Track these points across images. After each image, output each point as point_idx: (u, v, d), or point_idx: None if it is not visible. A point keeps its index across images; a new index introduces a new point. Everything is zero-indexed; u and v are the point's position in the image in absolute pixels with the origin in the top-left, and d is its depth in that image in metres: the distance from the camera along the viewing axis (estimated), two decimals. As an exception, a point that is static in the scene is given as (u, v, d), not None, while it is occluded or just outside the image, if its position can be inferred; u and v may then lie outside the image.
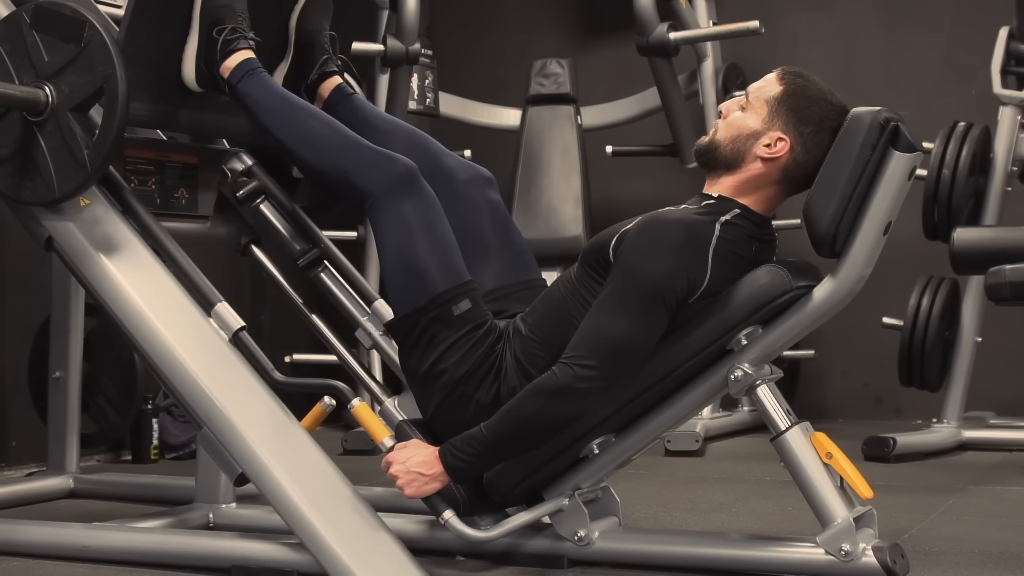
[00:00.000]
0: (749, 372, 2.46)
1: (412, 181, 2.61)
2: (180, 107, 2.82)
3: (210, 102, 2.85)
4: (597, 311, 2.40)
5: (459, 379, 2.54)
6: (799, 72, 2.51)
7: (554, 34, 6.09)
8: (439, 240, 2.58)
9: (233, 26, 2.75)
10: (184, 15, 2.76)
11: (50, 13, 2.59)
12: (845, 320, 2.98)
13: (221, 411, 2.53)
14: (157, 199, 2.89)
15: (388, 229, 2.59)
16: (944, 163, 4.45)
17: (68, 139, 2.56)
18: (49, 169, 2.58)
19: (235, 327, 2.66)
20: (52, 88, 2.58)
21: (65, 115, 2.57)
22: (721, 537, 2.71)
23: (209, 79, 2.79)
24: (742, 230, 2.47)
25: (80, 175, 2.57)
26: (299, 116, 2.73)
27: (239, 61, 2.75)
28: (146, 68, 2.70)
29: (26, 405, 3.88)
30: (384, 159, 2.63)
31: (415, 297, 2.55)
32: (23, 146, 2.61)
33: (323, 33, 2.95)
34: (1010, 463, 4.23)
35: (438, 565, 2.62)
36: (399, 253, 2.57)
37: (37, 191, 2.62)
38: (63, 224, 2.66)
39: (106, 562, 2.70)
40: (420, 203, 2.59)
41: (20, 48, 2.61)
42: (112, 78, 2.52)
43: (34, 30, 2.60)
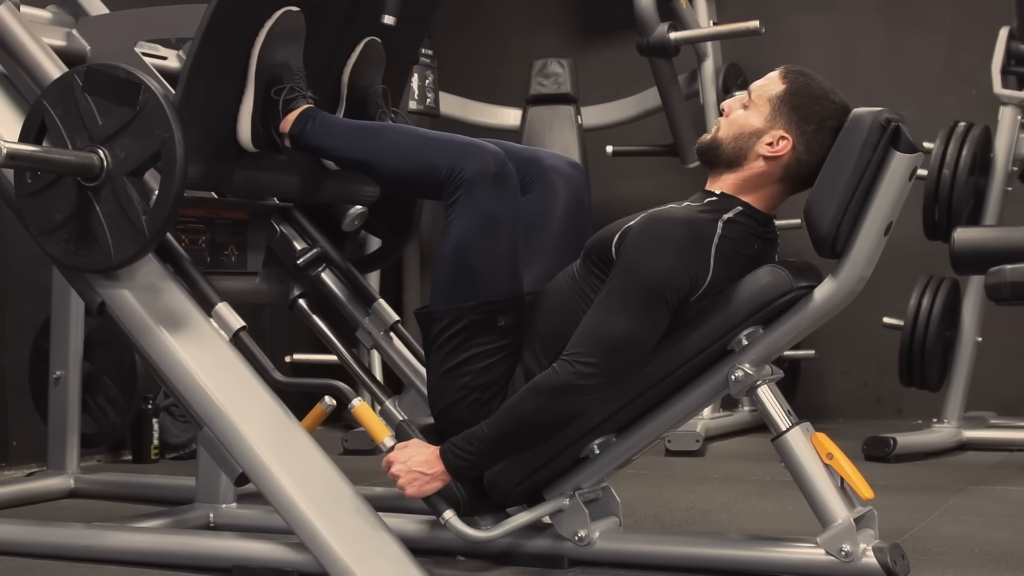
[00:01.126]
0: (750, 372, 2.46)
1: (501, 170, 2.53)
2: (234, 168, 2.74)
3: (264, 161, 2.77)
4: (598, 308, 2.40)
5: (480, 386, 2.54)
6: (802, 71, 2.51)
7: (554, 34, 6.09)
8: (505, 244, 2.53)
9: (291, 85, 2.69)
10: (239, 76, 2.68)
11: (103, 75, 2.51)
12: (845, 320, 2.97)
13: (221, 411, 2.53)
14: (207, 257, 2.85)
15: (461, 218, 2.51)
16: (944, 163, 4.45)
17: (124, 204, 2.48)
18: (105, 235, 2.50)
19: (235, 327, 2.65)
20: (107, 152, 2.49)
21: (121, 180, 2.48)
22: (721, 537, 2.71)
23: (266, 139, 2.72)
24: (744, 228, 2.47)
25: (138, 241, 2.48)
26: (374, 131, 2.71)
27: (299, 113, 2.69)
28: (201, 130, 2.61)
29: (26, 405, 3.88)
30: (475, 147, 2.56)
31: (464, 295, 2.53)
32: (78, 212, 2.53)
33: (375, 87, 2.90)
34: (1010, 463, 4.23)
35: (438, 565, 2.62)
36: (462, 246, 2.51)
37: (93, 258, 2.53)
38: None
39: (106, 562, 2.70)
40: (502, 197, 2.53)
41: (73, 111, 2.52)
42: (170, 142, 2.43)
43: (87, 93, 2.51)
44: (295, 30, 2.71)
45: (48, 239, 2.58)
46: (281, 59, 2.69)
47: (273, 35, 2.68)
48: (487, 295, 2.52)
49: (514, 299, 2.55)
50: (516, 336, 2.55)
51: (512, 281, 2.55)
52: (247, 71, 2.69)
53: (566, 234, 2.71)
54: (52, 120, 2.55)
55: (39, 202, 2.57)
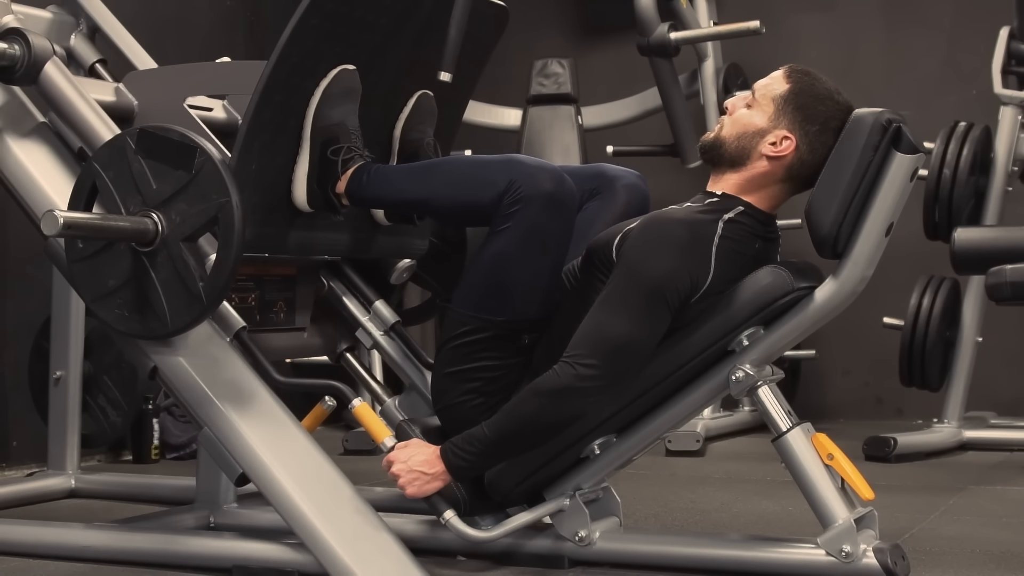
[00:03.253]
0: (750, 373, 2.46)
1: (560, 189, 2.49)
2: (288, 228, 2.68)
3: (317, 220, 2.71)
4: (599, 310, 2.40)
5: (488, 392, 2.55)
6: (806, 70, 2.51)
7: (555, 34, 6.09)
8: (546, 266, 2.52)
9: (348, 145, 2.64)
10: (295, 136, 2.63)
11: (157, 138, 2.46)
12: (846, 320, 2.97)
13: (222, 411, 2.53)
14: (257, 315, 2.80)
15: (511, 230, 2.48)
16: (945, 163, 4.46)
17: (181, 270, 2.42)
18: (161, 302, 2.44)
19: (236, 327, 2.65)
20: (162, 217, 2.43)
21: (177, 245, 2.42)
22: (722, 538, 2.71)
23: (322, 199, 2.66)
24: (745, 228, 2.46)
25: (195, 308, 2.43)
26: (433, 166, 2.67)
27: (354, 169, 2.65)
28: (256, 192, 2.55)
29: (27, 405, 3.88)
30: (536, 166, 2.52)
31: (494, 307, 2.52)
32: (132, 278, 2.47)
33: (427, 140, 2.85)
34: (1011, 463, 4.23)
35: (439, 565, 2.62)
36: (505, 258, 2.49)
37: (148, 325, 2.48)
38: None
39: (106, 562, 2.70)
40: (556, 219, 2.49)
41: (125, 175, 2.47)
42: (227, 206, 2.38)
43: (140, 155, 2.46)
44: (351, 89, 2.65)
45: (102, 305, 2.52)
46: (337, 118, 2.64)
47: (328, 95, 2.62)
48: (518, 313, 2.52)
49: (543, 320, 2.55)
50: (533, 353, 2.55)
51: (546, 303, 2.54)
52: (303, 132, 2.63)
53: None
54: (104, 183, 2.49)
55: (92, 267, 2.52)
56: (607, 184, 2.75)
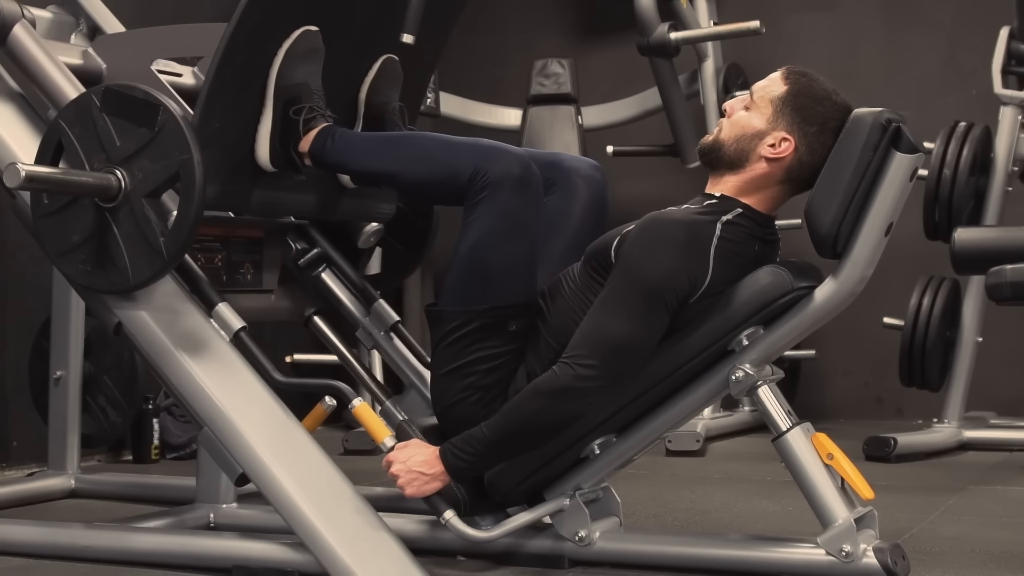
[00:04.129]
0: (750, 373, 2.46)
1: (526, 173, 2.51)
2: (252, 188, 2.71)
3: (281, 181, 2.75)
4: (598, 311, 2.40)
5: (484, 386, 2.54)
6: (804, 71, 2.51)
7: (555, 34, 6.09)
8: (524, 249, 2.53)
9: (311, 105, 2.68)
10: (258, 96, 2.66)
11: (121, 96, 2.49)
12: (846, 320, 2.97)
13: (222, 411, 2.53)
14: (223, 276, 2.84)
15: (481, 220, 2.49)
16: (945, 163, 4.45)
17: (143, 226, 2.46)
18: (123, 257, 2.48)
19: (236, 327, 2.65)
20: (124, 173, 2.47)
21: (139, 201, 2.46)
22: (722, 537, 2.71)
23: (284, 159, 2.70)
24: (744, 230, 2.46)
25: (156, 263, 2.47)
26: (397, 140, 2.70)
27: (319, 130, 2.68)
28: (219, 150, 2.58)
29: (27, 405, 3.88)
30: (501, 150, 2.55)
31: (477, 297, 2.52)
32: (95, 233, 2.51)
33: (393, 104, 2.88)
34: (1011, 463, 4.23)
35: (439, 565, 2.62)
36: (480, 247, 2.50)
37: (111, 279, 2.52)
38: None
39: (106, 562, 2.70)
40: (525, 202, 2.51)
41: (90, 132, 2.51)
42: (189, 163, 2.42)
43: (105, 113, 2.49)
44: (314, 50, 2.69)
45: (65, 260, 2.56)
46: (300, 78, 2.67)
47: (292, 55, 2.65)
48: (501, 299, 2.51)
49: (527, 304, 2.55)
50: (524, 341, 2.55)
51: (527, 286, 2.55)
52: (265, 91, 2.67)
53: (581, 236, 2.70)
54: (69, 141, 2.53)
55: (56, 223, 2.55)
56: (563, 176, 2.75)
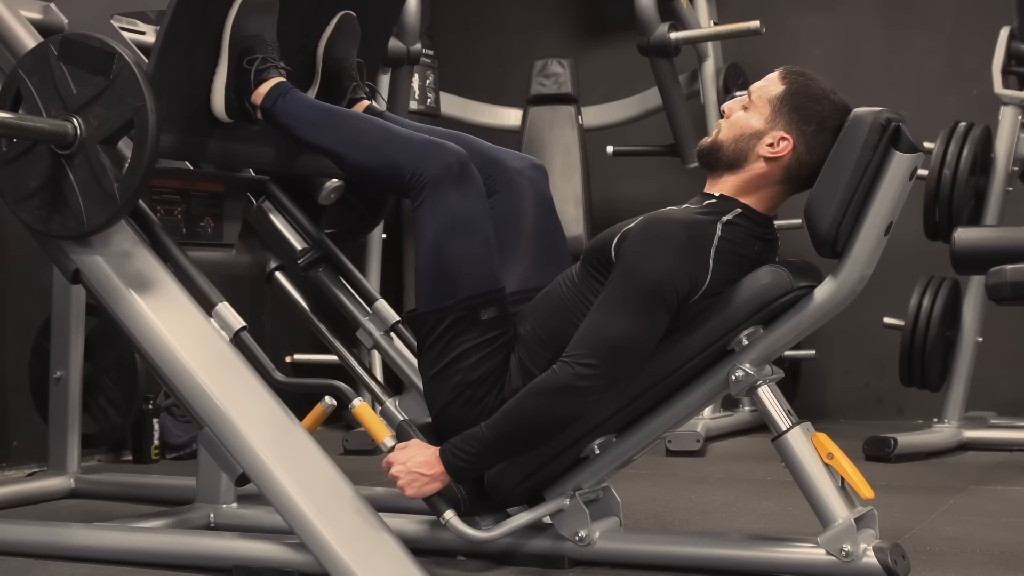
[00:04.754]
0: (750, 372, 2.46)
1: (463, 170, 2.56)
2: (208, 138, 2.78)
3: (239, 132, 2.81)
4: (598, 310, 2.40)
5: (471, 382, 2.54)
6: (801, 71, 2.51)
7: (555, 34, 6.09)
8: (478, 239, 2.55)
9: (264, 56, 2.73)
10: (213, 47, 2.72)
11: (78, 45, 2.55)
12: (846, 320, 2.97)
13: (222, 411, 2.53)
14: (183, 228, 2.88)
15: (430, 220, 2.54)
16: (945, 163, 4.45)
17: (97, 172, 2.52)
18: (78, 202, 2.54)
19: (236, 327, 2.66)
20: (80, 121, 2.53)
21: (94, 148, 2.52)
22: (722, 537, 2.71)
23: (239, 109, 2.76)
24: (744, 230, 2.46)
25: (110, 208, 2.53)
26: (342, 120, 2.73)
27: (271, 86, 2.72)
28: (175, 100, 2.65)
29: (27, 405, 3.88)
30: (437, 147, 2.59)
31: (444, 294, 2.54)
32: (51, 179, 2.57)
33: (350, 60, 2.92)
34: (1011, 463, 4.23)
35: (439, 565, 2.62)
36: (436, 247, 2.54)
37: (66, 224, 2.57)
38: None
39: (106, 562, 2.70)
40: (468, 195, 2.56)
41: (48, 80, 2.56)
42: (142, 110, 2.48)
43: (62, 62, 2.55)
44: (269, 2, 2.75)
45: (22, 206, 2.62)
46: (254, 30, 2.73)
47: (247, 6, 2.72)
48: (466, 291, 2.53)
49: (494, 291, 2.56)
50: (501, 329, 2.55)
51: (489, 275, 2.56)
52: (220, 42, 2.73)
53: (538, 233, 2.73)
54: (27, 89, 2.59)
55: (13, 170, 2.62)
56: (503, 175, 2.76)
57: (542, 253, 2.71)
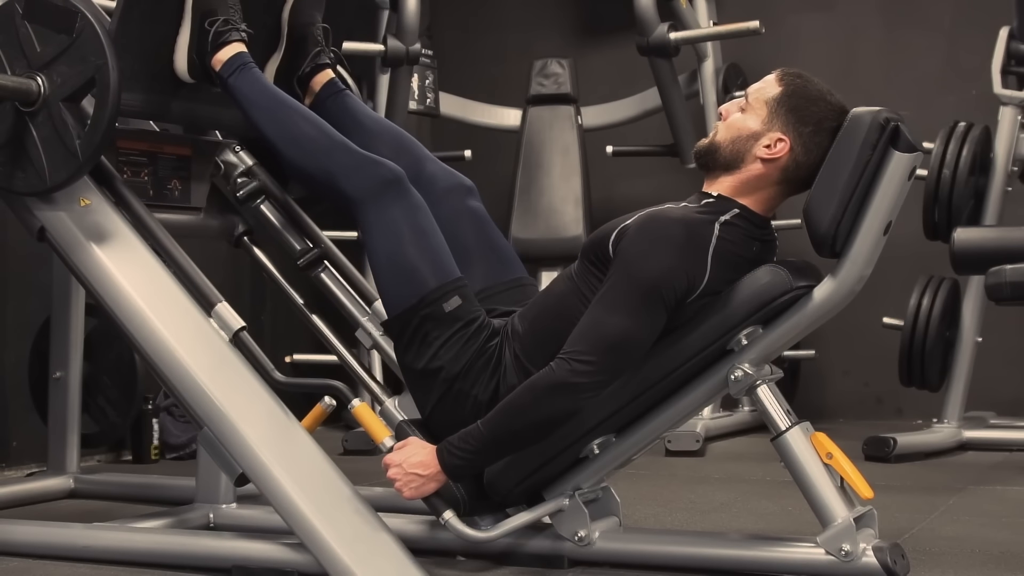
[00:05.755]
0: (749, 372, 2.46)
1: (399, 186, 2.63)
2: (172, 98, 2.83)
3: (203, 93, 2.85)
4: (596, 307, 2.40)
5: (455, 375, 2.54)
6: (798, 73, 2.51)
7: (554, 34, 6.09)
8: (427, 241, 2.60)
9: (225, 18, 2.76)
10: (176, 6, 2.77)
11: (42, 3, 2.59)
12: (845, 320, 2.97)
13: (221, 411, 2.53)
14: (150, 190, 2.90)
15: (377, 233, 2.61)
16: (944, 163, 4.45)
17: (60, 129, 2.56)
18: (41, 159, 2.58)
19: (235, 327, 2.66)
20: (44, 79, 2.57)
21: (57, 105, 2.56)
22: (721, 537, 2.71)
23: (201, 70, 2.79)
24: (742, 231, 2.47)
25: (72, 165, 2.57)
26: (288, 115, 2.75)
27: (231, 55, 2.76)
28: (138, 59, 2.70)
29: (26, 405, 3.88)
30: (371, 164, 2.65)
31: (406, 297, 2.57)
32: (15, 136, 2.61)
33: (316, 26, 2.96)
34: (1010, 463, 4.23)
35: (438, 565, 2.62)
36: (388, 255, 2.59)
37: (29, 181, 2.61)
38: (55, 214, 2.67)
39: (106, 562, 2.70)
40: (408, 206, 2.62)
41: (12, 39, 2.60)
42: (104, 68, 2.52)
43: (26, 21, 2.59)
44: None
45: None
46: None
47: None
48: (423, 288, 2.56)
49: (451, 282, 2.58)
50: (470, 317, 2.57)
51: (443, 269, 2.59)
52: (184, 1, 2.76)
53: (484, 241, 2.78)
54: None
55: None
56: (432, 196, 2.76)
57: (494, 257, 2.77)
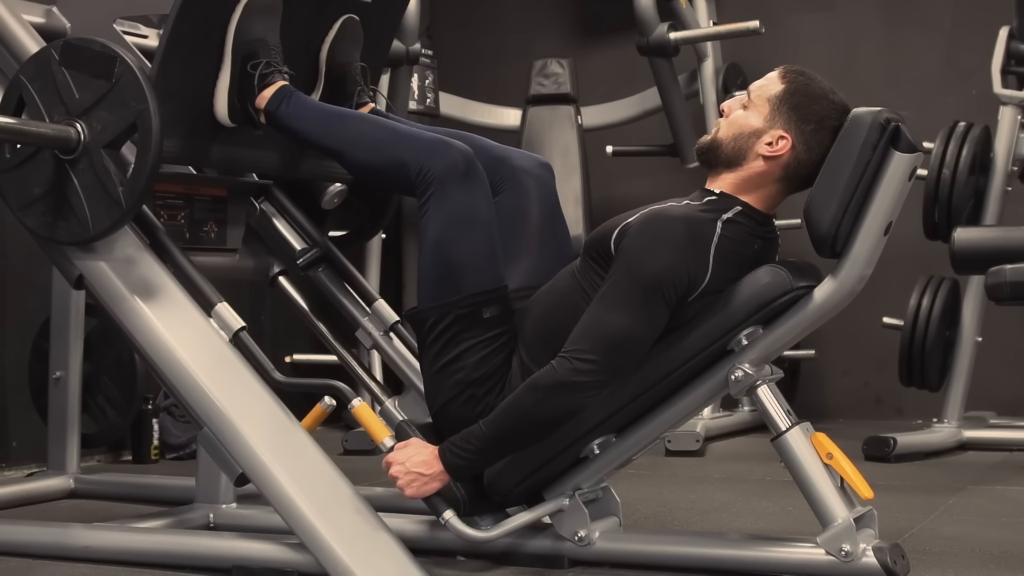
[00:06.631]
0: (750, 372, 2.46)
1: (469, 167, 2.57)
2: (211, 142, 2.77)
3: (241, 136, 2.80)
4: (597, 305, 2.40)
5: (473, 380, 2.54)
6: (801, 70, 2.51)
7: (554, 34, 6.09)
8: (483, 237, 2.56)
9: (267, 60, 2.71)
10: (216, 50, 2.71)
11: (80, 49, 2.54)
12: (845, 320, 2.97)
13: (221, 411, 2.53)
14: (186, 233, 2.87)
15: (435, 216, 2.54)
16: (944, 163, 4.45)
17: (102, 177, 2.51)
18: (83, 207, 2.53)
19: (235, 327, 2.65)
20: (84, 125, 2.52)
21: (98, 152, 2.51)
22: (721, 537, 2.71)
23: (242, 113, 2.74)
24: (744, 228, 2.47)
25: (115, 213, 2.51)
26: (347, 120, 2.72)
27: (275, 90, 2.71)
28: (178, 104, 2.64)
29: (26, 405, 3.88)
30: (442, 145, 2.59)
31: (447, 291, 2.54)
32: (55, 185, 2.56)
33: (354, 64, 2.92)
34: (1010, 463, 4.23)
35: (438, 565, 2.62)
36: (440, 244, 2.54)
37: (71, 230, 2.56)
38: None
39: (106, 562, 2.70)
40: (473, 193, 2.56)
41: (50, 85, 2.56)
42: (145, 114, 2.47)
43: (64, 67, 2.54)
44: (272, 5, 2.74)
45: (27, 213, 2.61)
46: (258, 34, 2.72)
47: (250, 9, 2.70)
48: (470, 288, 2.53)
49: (497, 290, 2.56)
50: (504, 328, 2.56)
51: (493, 273, 2.57)
52: (224, 45, 2.71)
53: (543, 232, 2.73)
54: (30, 95, 2.58)
55: (17, 176, 2.60)
56: (510, 174, 2.76)
57: (546, 251, 2.71)
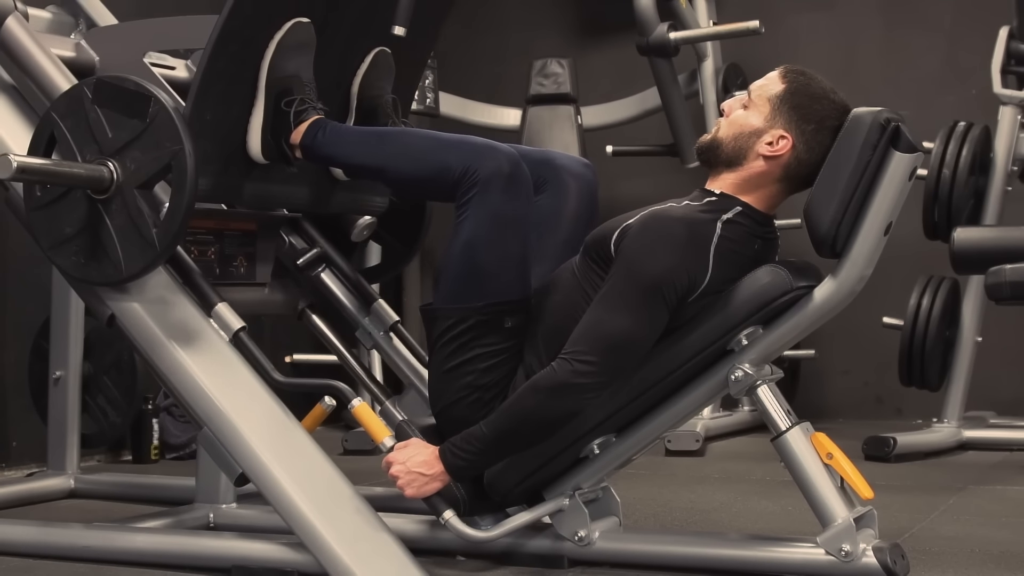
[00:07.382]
0: (750, 372, 2.46)
1: (514, 171, 2.52)
2: (244, 180, 2.72)
3: (274, 173, 2.76)
4: (597, 306, 2.40)
5: (482, 385, 2.54)
6: (802, 70, 2.51)
7: (554, 34, 6.09)
8: (516, 245, 2.53)
9: (302, 97, 2.69)
10: (250, 88, 2.67)
11: (113, 87, 2.50)
12: (845, 320, 2.97)
13: (221, 411, 2.53)
14: (216, 269, 2.85)
15: (472, 217, 2.50)
16: (944, 163, 4.45)
17: (135, 217, 2.46)
18: (116, 249, 2.48)
19: (235, 327, 2.65)
20: (117, 165, 2.47)
21: (131, 192, 2.46)
22: (721, 537, 2.71)
23: (276, 151, 2.71)
24: (744, 228, 2.47)
25: (149, 254, 2.47)
26: (387, 136, 2.71)
27: (310, 123, 2.69)
28: (211, 142, 2.60)
29: (26, 405, 3.88)
30: (489, 148, 2.56)
31: (470, 294, 2.52)
32: (88, 225, 2.51)
33: (385, 97, 2.90)
34: (1010, 463, 4.23)
35: (438, 565, 2.62)
36: (472, 245, 2.51)
37: (104, 271, 2.52)
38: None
39: (106, 562, 2.70)
40: (515, 198, 2.52)
41: (82, 124, 2.51)
42: (180, 154, 2.42)
43: (96, 105, 2.49)
44: (305, 42, 2.70)
45: (58, 252, 2.56)
46: (291, 71, 2.69)
47: (283, 47, 2.66)
48: (495, 295, 2.52)
49: (521, 300, 2.55)
50: (521, 338, 2.55)
51: (521, 283, 2.55)
52: (257, 83, 2.67)
53: (575, 234, 2.70)
54: (62, 133, 2.53)
55: (49, 215, 2.55)
56: (554, 174, 2.75)
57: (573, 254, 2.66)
